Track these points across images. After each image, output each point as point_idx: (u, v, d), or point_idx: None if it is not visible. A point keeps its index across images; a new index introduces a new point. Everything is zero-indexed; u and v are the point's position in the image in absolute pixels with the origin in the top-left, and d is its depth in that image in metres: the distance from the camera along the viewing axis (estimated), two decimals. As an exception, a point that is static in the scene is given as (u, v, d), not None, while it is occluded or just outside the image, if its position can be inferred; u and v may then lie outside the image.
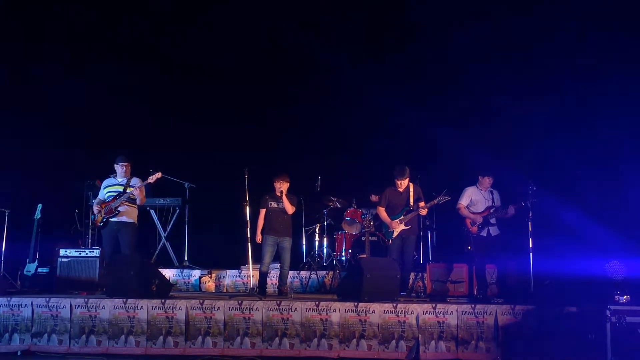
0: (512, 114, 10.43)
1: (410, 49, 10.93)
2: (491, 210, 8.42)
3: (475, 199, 8.55)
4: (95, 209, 8.46)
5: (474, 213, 8.48)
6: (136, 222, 8.49)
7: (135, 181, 8.45)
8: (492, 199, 8.52)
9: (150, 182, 8.29)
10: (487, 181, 8.55)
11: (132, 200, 8.40)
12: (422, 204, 8.38)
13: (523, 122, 10.33)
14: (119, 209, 8.28)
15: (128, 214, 8.38)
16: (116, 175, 8.55)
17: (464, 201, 8.55)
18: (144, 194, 8.49)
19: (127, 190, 8.33)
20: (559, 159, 9.88)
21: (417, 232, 8.88)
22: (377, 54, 11.26)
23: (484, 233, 8.43)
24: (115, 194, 8.37)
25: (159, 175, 8.28)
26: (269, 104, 11.47)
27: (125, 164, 8.48)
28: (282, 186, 8.46)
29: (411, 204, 8.43)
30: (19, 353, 6.96)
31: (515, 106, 10.41)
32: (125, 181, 8.44)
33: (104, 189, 8.52)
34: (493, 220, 8.47)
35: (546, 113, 10.24)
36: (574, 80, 10.03)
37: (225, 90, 11.39)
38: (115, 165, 8.51)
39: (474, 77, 10.39)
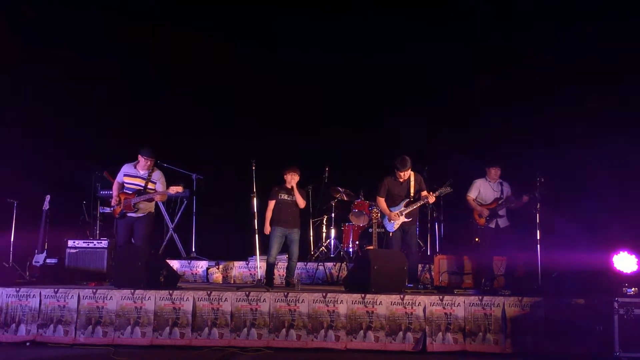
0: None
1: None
2: (499, 202, 8.38)
3: (484, 191, 8.52)
4: (114, 199, 8.33)
5: (481, 205, 8.45)
6: (153, 210, 8.46)
7: (157, 175, 8.35)
8: (502, 190, 8.47)
9: (171, 193, 8.23)
10: (494, 172, 8.50)
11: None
12: (424, 193, 8.17)
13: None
14: (139, 205, 8.25)
15: (145, 208, 8.32)
16: (137, 164, 8.34)
17: (472, 193, 8.54)
18: (165, 199, 8.45)
19: (149, 186, 8.27)
20: (569, 150, 9.80)
21: (417, 222, 8.66)
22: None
23: (492, 225, 8.40)
24: (135, 188, 8.27)
25: (180, 189, 8.19)
26: (274, 95, 11.46)
27: (151, 159, 8.30)
28: (293, 179, 8.43)
29: (412, 195, 8.26)
30: (28, 344, 6.97)
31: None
32: (147, 175, 8.32)
33: (124, 175, 8.35)
34: (502, 212, 8.42)
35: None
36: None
37: (232, 81, 11.37)
38: (139, 156, 8.29)
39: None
